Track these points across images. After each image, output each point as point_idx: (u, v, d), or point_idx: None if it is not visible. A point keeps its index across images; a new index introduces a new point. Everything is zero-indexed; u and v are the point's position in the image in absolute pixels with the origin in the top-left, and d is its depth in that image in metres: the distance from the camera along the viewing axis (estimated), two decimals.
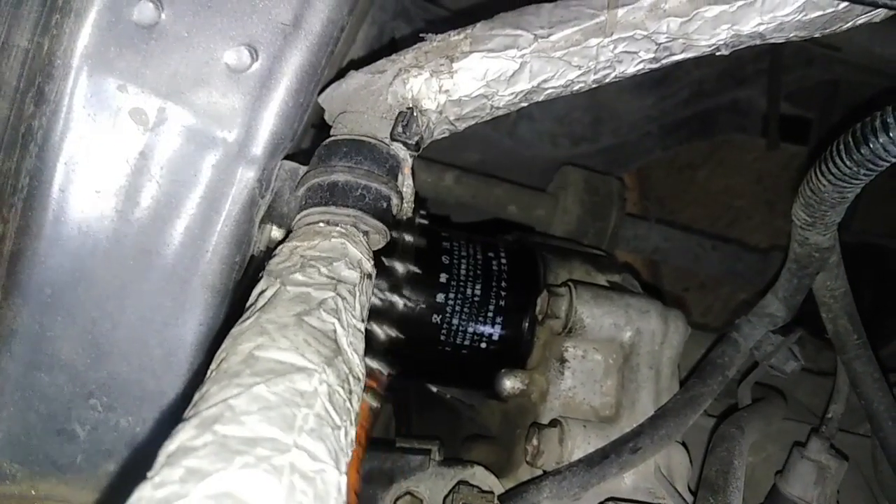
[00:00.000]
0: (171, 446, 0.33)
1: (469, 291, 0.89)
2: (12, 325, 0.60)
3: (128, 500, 0.31)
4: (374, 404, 0.72)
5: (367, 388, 0.71)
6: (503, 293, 0.90)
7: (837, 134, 0.66)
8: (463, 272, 0.90)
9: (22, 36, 0.54)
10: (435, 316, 0.89)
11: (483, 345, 0.90)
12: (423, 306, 0.87)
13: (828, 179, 0.67)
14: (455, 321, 0.89)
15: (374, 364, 0.73)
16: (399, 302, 0.81)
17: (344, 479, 0.36)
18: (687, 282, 2.19)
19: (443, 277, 0.89)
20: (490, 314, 0.90)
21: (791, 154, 1.87)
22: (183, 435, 0.33)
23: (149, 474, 0.32)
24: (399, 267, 0.82)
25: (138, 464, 0.66)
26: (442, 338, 0.90)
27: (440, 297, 0.88)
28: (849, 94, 1.68)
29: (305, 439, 0.35)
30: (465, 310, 0.89)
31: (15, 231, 0.58)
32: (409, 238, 0.84)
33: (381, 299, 0.79)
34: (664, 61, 0.66)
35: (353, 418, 0.41)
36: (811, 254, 0.78)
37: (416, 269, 0.82)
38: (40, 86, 0.57)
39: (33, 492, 0.64)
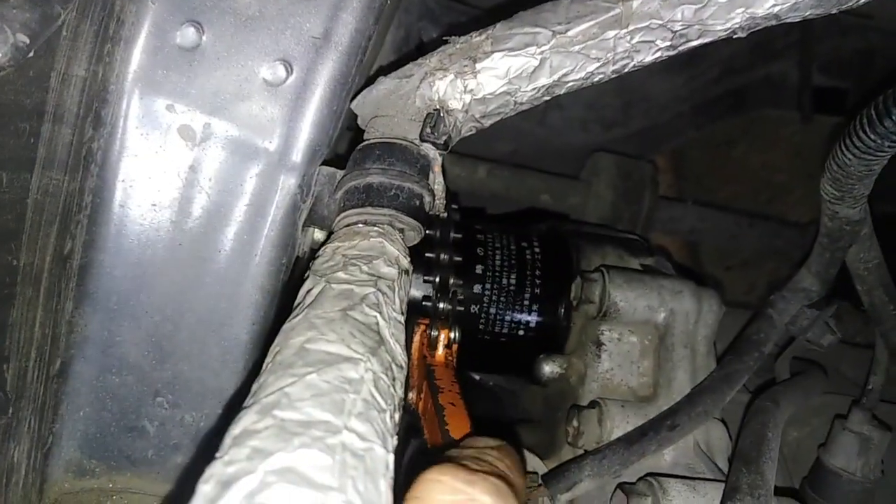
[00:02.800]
0: (236, 430, 0.37)
1: (505, 281, 0.92)
2: (84, 332, 0.66)
3: (201, 478, 0.35)
4: (454, 334, 0.81)
5: (442, 324, 0.82)
6: (538, 281, 0.93)
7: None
8: (498, 263, 0.93)
9: (80, 66, 0.59)
10: (473, 306, 0.92)
11: (521, 332, 0.93)
12: (461, 297, 0.91)
13: (853, 153, 0.68)
14: (493, 310, 0.92)
15: (445, 304, 0.82)
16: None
17: (391, 458, 0.39)
18: (729, 261, 2.17)
19: (478, 269, 0.92)
20: (526, 302, 0.93)
21: (828, 126, 1.84)
22: (246, 420, 0.37)
23: (217, 455, 0.36)
24: (438, 249, 0.85)
25: (204, 456, 0.71)
26: (481, 327, 0.93)
27: (477, 288, 0.92)
28: (884, 62, 1.64)
29: (354, 422, 0.38)
30: (502, 299, 0.92)
31: (82, 245, 0.64)
32: (444, 232, 0.87)
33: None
34: (681, 48, 0.67)
35: (397, 403, 0.45)
36: (842, 227, 0.79)
37: (453, 261, 0.86)
38: (97, 110, 0.62)
39: (111, 485, 0.70)
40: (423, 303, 0.82)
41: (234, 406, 0.69)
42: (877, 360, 0.89)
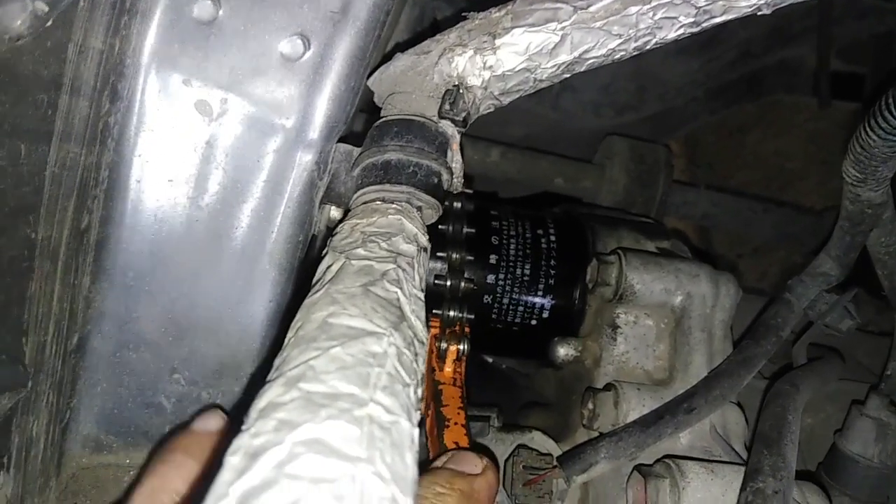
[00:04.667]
0: (261, 403, 0.36)
1: (519, 272, 0.91)
2: (101, 307, 0.65)
3: (228, 449, 0.34)
4: (463, 346, 0.79)
5: (457, 334, 0.79)
6: (552, 271, 0.92)
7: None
8: (512, 252, 0.92)
9: (96, 38, 0.58)
10: (486, 296, 0.91)
11: (534, 321, 0.93)
12: (474, 287, 0.90)
13: (877, 134, 0.67)
14: (506, 300, 0.91)
15: (456, 312, 0.79)
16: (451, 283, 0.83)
17: (416, 431, 0.39)
18: (741, 247, 2.16)
19: (493, 259, 0.91)
20: (540, 292, 0.92)
21: (845, 112, 1.82)
22: (271, 392, 0.37)
23: (244, 427, 0.35)
24: (451, 248, 0.84)
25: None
26: (493, 316, 0.92)
27: (490, 279, 0.91)
28: None
29: (380, 395, 0.38)
30: (516, 289, 0.91)
31: (99, 220, 0.63)
32: (460, 219, 0.86)
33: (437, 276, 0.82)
34: (705, 25, 0.66)
35: (419, 378, 0.44)
36: (864, 210, 0.78)
37: (468, 255, 0.84)
38: (114, 84, 0.62)
39: (128, 460, 0.70)
40: (434, 311, 0.80)
41: (252, 384, 0.69)
42: None
